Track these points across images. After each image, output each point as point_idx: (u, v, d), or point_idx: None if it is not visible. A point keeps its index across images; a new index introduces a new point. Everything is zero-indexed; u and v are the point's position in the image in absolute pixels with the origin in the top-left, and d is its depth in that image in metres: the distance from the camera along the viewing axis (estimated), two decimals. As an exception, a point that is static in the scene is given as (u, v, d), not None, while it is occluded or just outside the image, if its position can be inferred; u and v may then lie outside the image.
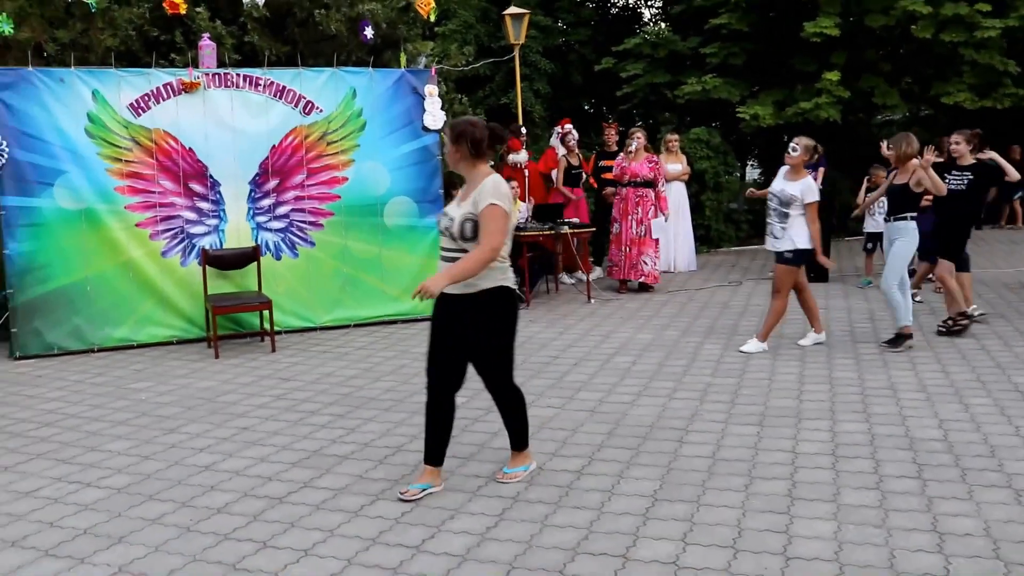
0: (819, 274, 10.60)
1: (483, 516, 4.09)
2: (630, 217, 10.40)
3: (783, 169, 7.24)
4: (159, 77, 8.12)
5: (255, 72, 8.42)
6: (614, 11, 20.47)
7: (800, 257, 7.12)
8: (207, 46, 8.35)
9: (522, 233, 9.54)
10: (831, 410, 5.60)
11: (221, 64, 8.49)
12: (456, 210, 4.16)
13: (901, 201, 7.21)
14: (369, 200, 8.81)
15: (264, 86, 8.39)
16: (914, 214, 7.21)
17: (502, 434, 5.28)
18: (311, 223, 8.68)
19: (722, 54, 14.97)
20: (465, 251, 4.09)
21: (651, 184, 10.44)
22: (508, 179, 10.57)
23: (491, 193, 4.08)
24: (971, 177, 7.74)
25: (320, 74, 8.59)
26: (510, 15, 12.41)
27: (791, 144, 7.19)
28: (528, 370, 6.80)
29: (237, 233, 8.39)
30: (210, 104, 8.24)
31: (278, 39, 9.34)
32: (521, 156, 10.96)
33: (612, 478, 4.52)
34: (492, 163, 10.36)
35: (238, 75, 8.34)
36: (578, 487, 4.42)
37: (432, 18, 9.53)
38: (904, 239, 7.19)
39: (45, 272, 7.86)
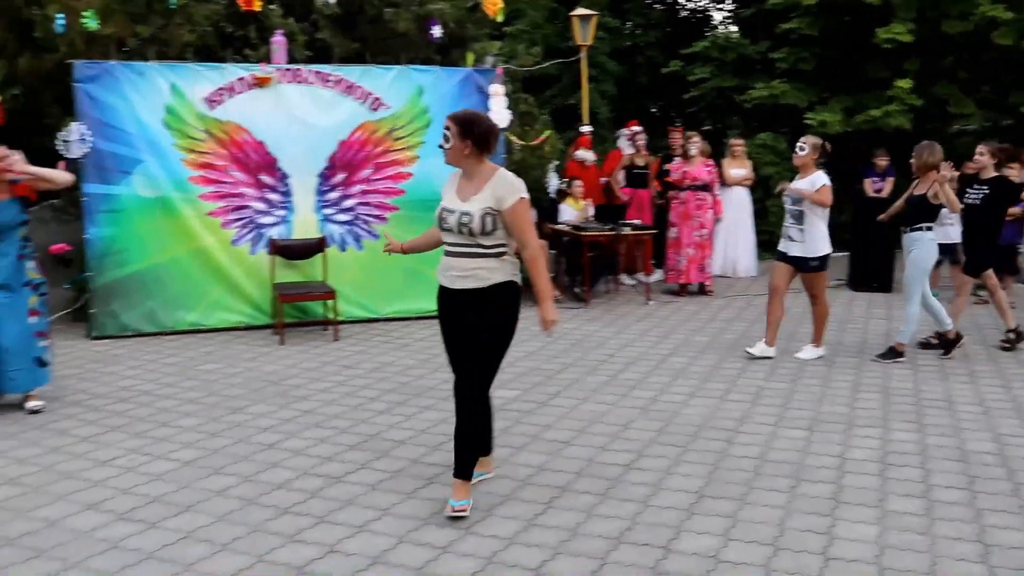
0: (882, 284, 10.52)
1: (532, 503, 4.23)
2: (690, 220, 10.45)
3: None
4: (233, 72, 8.41)
5: (325, 68, 8.66)
6: (684, 13, 20.44)
7: (825, 262, 7.11)
8: (279, 42, 8.61)
9: (583, 232, 9.65)
10: (883, 419, 5.60)
11: (292, 60, 8.75)
12: (470, 205, 3.98)
13: (919, 212, 7.14)
14: (433, 195, 8.89)
15: (334, 82, 8.62)
16: (931, 224, 7.15)
17: (555, 425, 5.43)
18: (376, 216, 8.89)
19: (791, 59, 14.85)
20: (481, 246, 3.99)
21: (708, 188, 10.51)
22: (573, 177, 10.72)
23: (516, 187, 4.01)
24: (987, 191, 7.62)
25: (388, 71, 8.80)
26: (577, 16, 12.51)
27: (798, 143, 7.19)
28: (583, 367, 6.91)
29: (304, 224, 8.64)
30: (281, 98, 8.49)
31: (348, 36, 9.57)
32: (589, 155, 11.06)
33: (659, 473, 4.62)
34: (557, 161, 10.39)
35: (309, 71, 8.59)
36: (625, 480, 4.53)
37: (500, 18, 9.68)
38: (920, 250, 7.12)
39: (122, 256, 8.19)
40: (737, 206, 11.75)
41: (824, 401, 5.99)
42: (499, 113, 9.04)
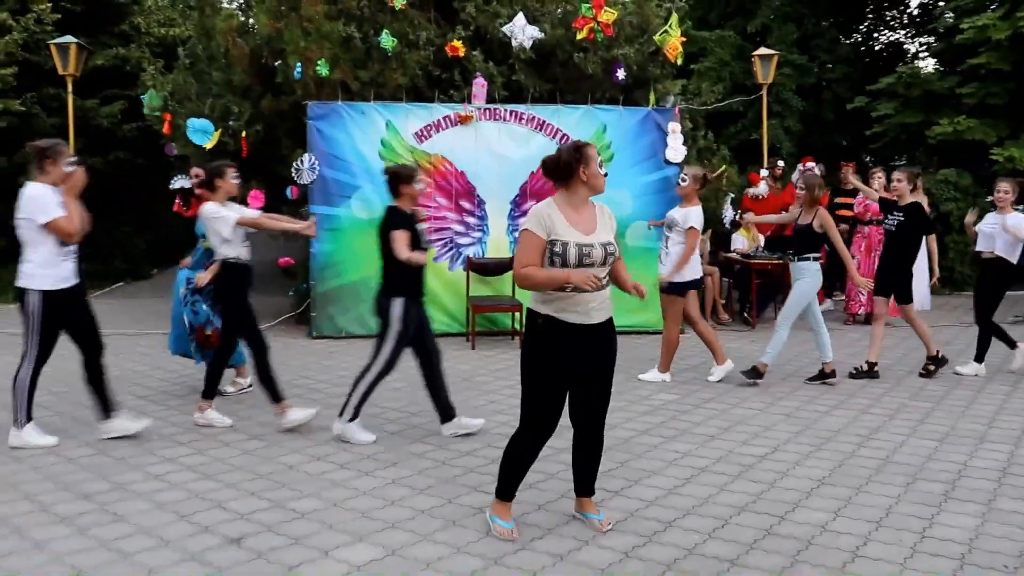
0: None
1: (673, 479, 5.02)
2: (873, 253, 10.80)
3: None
4: (439, 110, 9.65)
5: (519, 107, 9.77)
6: (878, 47, 20.43)
7: (681, 289, 7.42)
8: (480, 84, 9.79)
9: (752, 260, 10.27)
10: (1018, 438, 5.97)
11: (491, 99, 9.90)
12: (601, 236, 4.11)
13: (806, 241, 7.41)
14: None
15: (527, 120, 9.72)
16: (817, 255, 7.41)
17: (705, 423, 6.18)
18: (559, 240, 9.87)
19: (980, 94, 14.79)
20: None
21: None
22: (746, 210, 11.33)
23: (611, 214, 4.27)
24: (901, 219, 7.69)
25: (575, 110, 9.81)
26: (759, 56, 13.14)
27: (680, 175, 7.67)
28: (739, 379, 7.55)
29: (497, 244, 9.74)
30: (481, 134, 9.65)
31: (542, 77, 10.63)
32: (760, 189, 11.64)
33: (789, 464, 5.30)
34: (732, 195, 10.95)
35: (505, 110, 9.72)
36: (758, 467, 5.24)
37: (679, 62, 10.48)
38: (806, 279, 7.35)
39: (339, 268, 9.55)
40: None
41: (962, 419, 6.41)
42: (675, 149, 9.85)
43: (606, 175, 4.22)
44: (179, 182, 8.44)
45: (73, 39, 13.62)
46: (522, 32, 10.05)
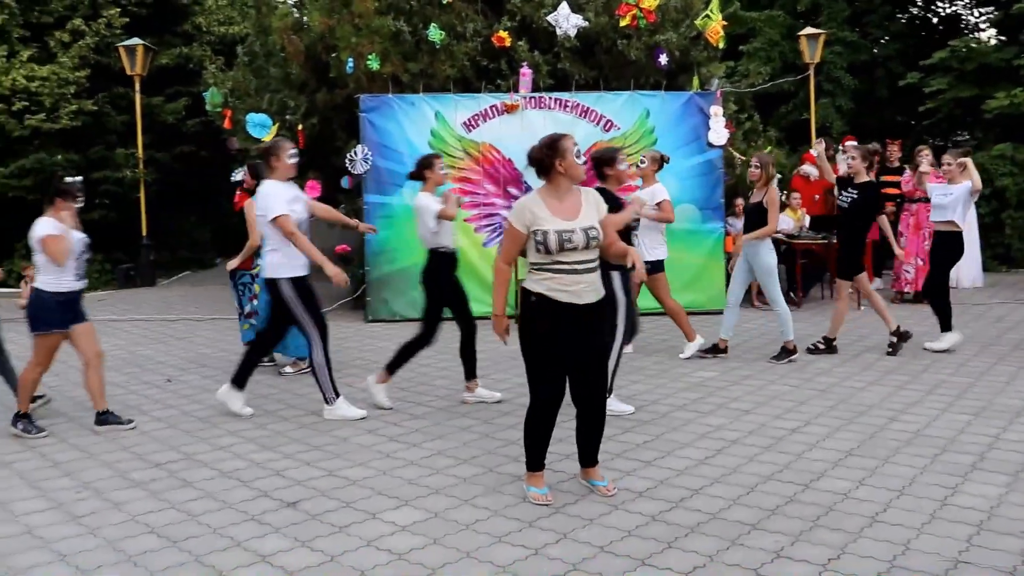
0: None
1: (704, 449, 5.27)
2: (920, 231, 10.82)
3: None
4: (486, 100, 9.93)
5: (563, 95, 10.00)
6: (936, 20, 20.06)
7: (654, 266, 7.60)
8: (526, 73, 10.04)
9: (795, 240, 10.37)
10: (1055, 411, 6.06)
11: (536, 88, 10.14)
12: (585, 221, 4.32)
13: (757, 219, 7.57)
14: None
15: (571, 107, 9.96)
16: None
17: (742, 398, 6.40)
18: (605, 224, 10.10)
19: (1039, 65, 14.56)
20: (595, 259, 4.38)
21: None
22: (793, 190, 11.43)
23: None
24: (856, 196, 7.77)
25: (618, 97, 10.02)
26: (806, 35, 13.16)
27: (640, 156, 7.91)
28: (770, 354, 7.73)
29: (543, 230, 9.98)
30: (526, 122, 9.91)
31: (586, 65, 10.84)
32: (813, 170, 11.70)
33: (819, 437, 5.49)
34: (779, 175, 10.99)
35: (550, 98, 9.96)
36: (789, 439, 5.45)
37: (721, 46, 10.60)
38: (762, 256, 7.57)
39: (393, 255, 9.90)
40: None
41: (1001, 395, 6.49)
42: (718, 132, 10.00)
43: (585, 163, 4.46)
44: (239, 175, 8.88)
45: (140, 40, 14.22)
46: (566, 21, 10.27)
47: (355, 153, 9.85)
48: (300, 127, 10.64)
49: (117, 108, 15.24)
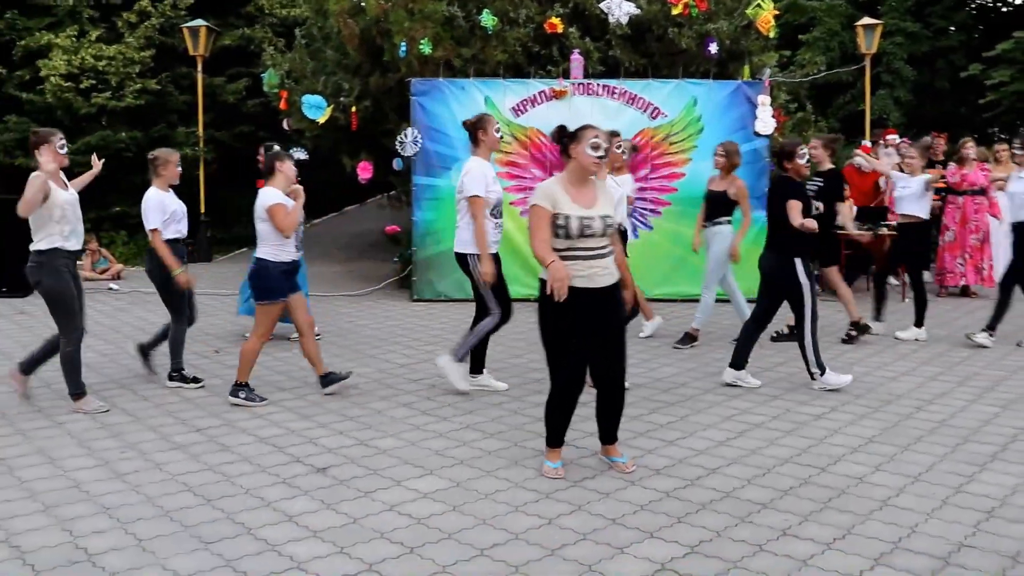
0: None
1: (727, 432, 5.38)
2: (969, 224, 10.72)
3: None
4: (535, 86, 10.06)
5: (611, 82, 10.09)
6: (1005, 9, 19.62)
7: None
8: (577, 60, 10.14)
9: (840, 231, 10.32)
10: (1086, 406, 6.05)
11: (586, 74, 10.24)
12: (602, 209, 4.50)
13: (719, 207, 7.67)
14: (703, 193, 10.12)
15: (619, 94, 10.04)
16: (729, 218, 7.62)
17: (771, 384, 6.48)
18: (651, 210, 10.20)
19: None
20: (609, 245, 4.54)
21: (984, 192, 10.74)
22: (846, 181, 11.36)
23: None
24: (820, 184, 7.71)
25: (666, 85, 10.07)
26: (862, 26, 13.04)
27: (616, 143, 7.49)
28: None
29: (587, 215, 10.11)
30: (574, 108, 10.01)
31: (637, 52, 10.90)
32: (865, 161, 11.63)
33: (842, 423, 5.56)
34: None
35: (598, 84, 10.06)
36: (812, 425, 5.53)
37: (772, 35, 10.58)
38: (720, 243, 7.64)
39: (439, 236, 10.10)
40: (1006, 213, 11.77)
41: (1035, 388, 6.50)
42: (765, 121, 10.01)
43: (600, 157, 4.48)
44: (295, 155, 9.13)
45: (203, 22, 14.60)
46: (619, 8, 10.35)
47: (405, 135, 10.06)
48: (354, 109, 10.89)
49: (180, 88, 15.69)
